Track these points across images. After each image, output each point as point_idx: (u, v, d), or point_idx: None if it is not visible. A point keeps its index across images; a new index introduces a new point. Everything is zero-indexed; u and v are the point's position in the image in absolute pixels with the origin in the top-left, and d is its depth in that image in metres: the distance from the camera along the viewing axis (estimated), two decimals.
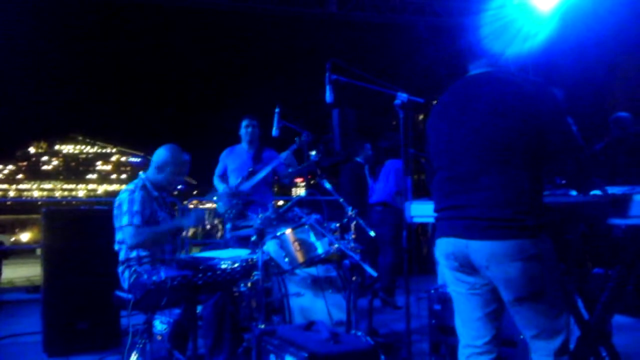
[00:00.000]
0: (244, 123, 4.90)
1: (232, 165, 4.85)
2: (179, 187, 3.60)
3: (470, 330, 2.14)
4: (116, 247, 3.25)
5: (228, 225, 4.36)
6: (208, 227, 3.81)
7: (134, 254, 3.18)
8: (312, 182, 4.09)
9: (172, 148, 3.37)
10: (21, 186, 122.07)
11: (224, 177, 4.87)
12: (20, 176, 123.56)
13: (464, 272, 2.10)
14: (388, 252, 5.76)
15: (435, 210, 2.22)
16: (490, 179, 1.96)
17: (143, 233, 3.11)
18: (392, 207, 5.82)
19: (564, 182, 2.31)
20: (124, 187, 3.31)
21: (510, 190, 1.93)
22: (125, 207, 3.14)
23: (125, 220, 3.12)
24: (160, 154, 3.33)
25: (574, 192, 2.25)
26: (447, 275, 2.20)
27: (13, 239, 24.88)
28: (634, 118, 5.70)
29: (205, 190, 5.26)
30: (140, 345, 3.00)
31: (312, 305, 3.54)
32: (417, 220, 2.67)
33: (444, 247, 2.14)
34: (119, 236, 3.22)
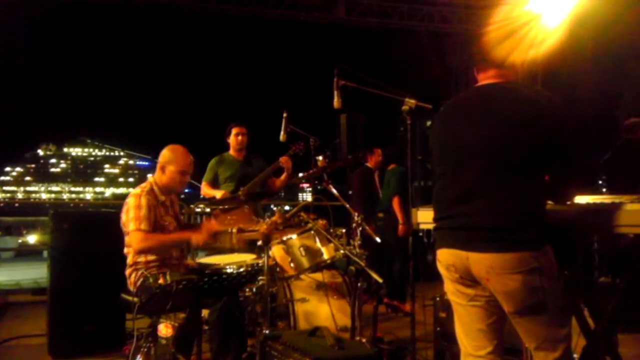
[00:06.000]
0: (234, 131, 4.91)
1: (225, 174, 4.86)
2: (185, 188, 3.56)
3: (471, 341, 2.12)
4: (125, 250, 3.26)
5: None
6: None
7: (141, 257, 3.18)
8: (318, 187, 4.09)
9: (173, 147, 3.35)
10: (29, 188, 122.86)
11: (214, 186, 4.86)
12: (28, 178, 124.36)
13: (464, 284, 2.09)
14: (395, 259, 5.72)
15: (436, 219, 2.19)
16: (493, 188, 1.95)
17: (151, 239, 3.12)
18: (394, 215, 5.73)
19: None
20: (131, 189, 3.31)
21: (513, 200, 1.92)
22: (132, 213, 3.13)
23: (132, 226, 3.12)
24: (162, 154, 3.32)
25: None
26: (447, 286, 2.19)
27: (20, 240, 24.99)
28: None
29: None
30: (145, 349, 3.00)
31: (317, 311, 3.54)
32: (423, 226, 2.65)
33: (445, 258, 2.12)
34: (127, 240, 3.22)
